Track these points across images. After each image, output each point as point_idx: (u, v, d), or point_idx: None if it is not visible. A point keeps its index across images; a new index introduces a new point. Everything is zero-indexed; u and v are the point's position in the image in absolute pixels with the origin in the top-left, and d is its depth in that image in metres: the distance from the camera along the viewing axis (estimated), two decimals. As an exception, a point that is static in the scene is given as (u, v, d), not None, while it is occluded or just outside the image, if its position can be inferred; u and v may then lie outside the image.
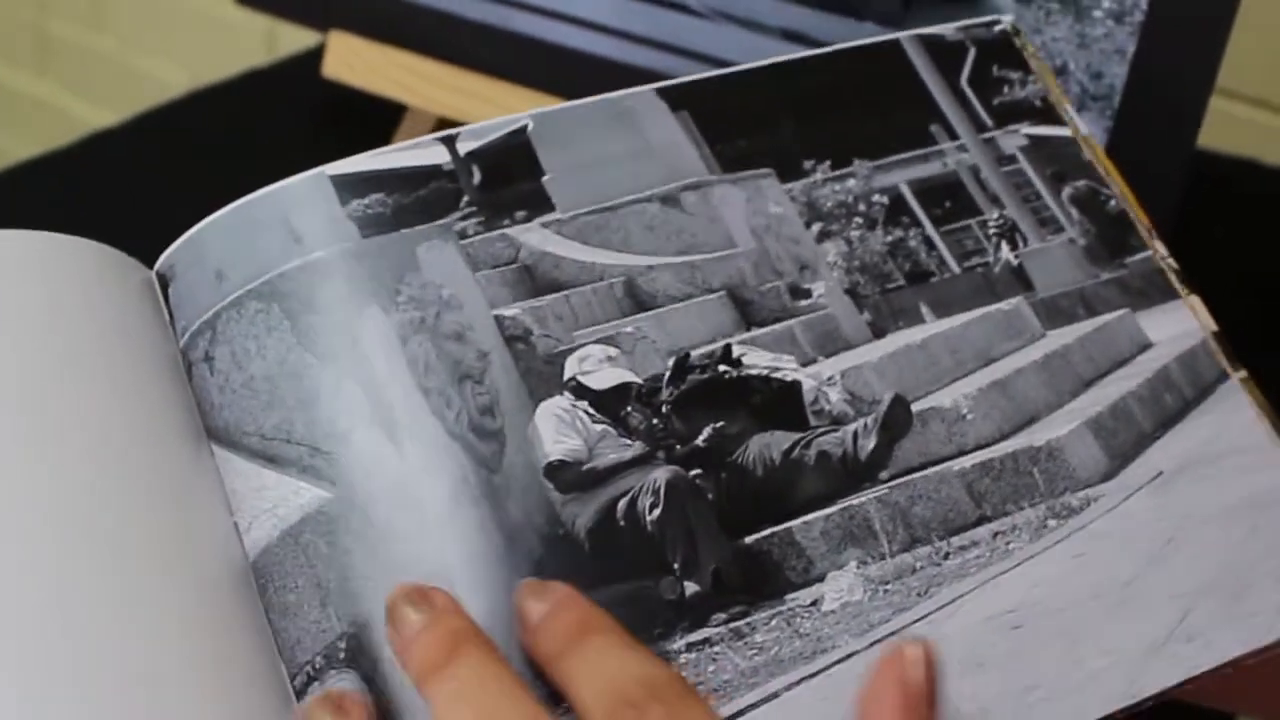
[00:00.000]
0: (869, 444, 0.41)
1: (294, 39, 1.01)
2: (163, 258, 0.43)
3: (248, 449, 0.40)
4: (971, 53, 0.51)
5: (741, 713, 0.36)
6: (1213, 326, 0.45)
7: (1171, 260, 0.47)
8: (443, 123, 0.73)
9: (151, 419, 0.40)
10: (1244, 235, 0.73)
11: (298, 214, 0.41)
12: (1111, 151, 0.60)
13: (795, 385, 0.42)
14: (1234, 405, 0.44)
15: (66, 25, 1.64)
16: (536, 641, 0.35)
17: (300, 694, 0.37)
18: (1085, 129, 0.49)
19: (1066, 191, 0.49)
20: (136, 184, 0.76)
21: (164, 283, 0.42)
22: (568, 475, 0.38)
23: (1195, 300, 0.46)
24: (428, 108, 0.72)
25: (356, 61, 0.73)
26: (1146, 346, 0.46)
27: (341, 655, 0.37)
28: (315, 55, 0.77)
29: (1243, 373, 0.45)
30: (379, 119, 0.75)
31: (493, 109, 0.70)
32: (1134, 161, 0.59)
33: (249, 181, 0.42)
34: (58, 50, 1.67)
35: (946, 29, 0.51)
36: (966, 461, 0.42)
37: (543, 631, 0.35)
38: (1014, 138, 0.50)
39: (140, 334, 0.41)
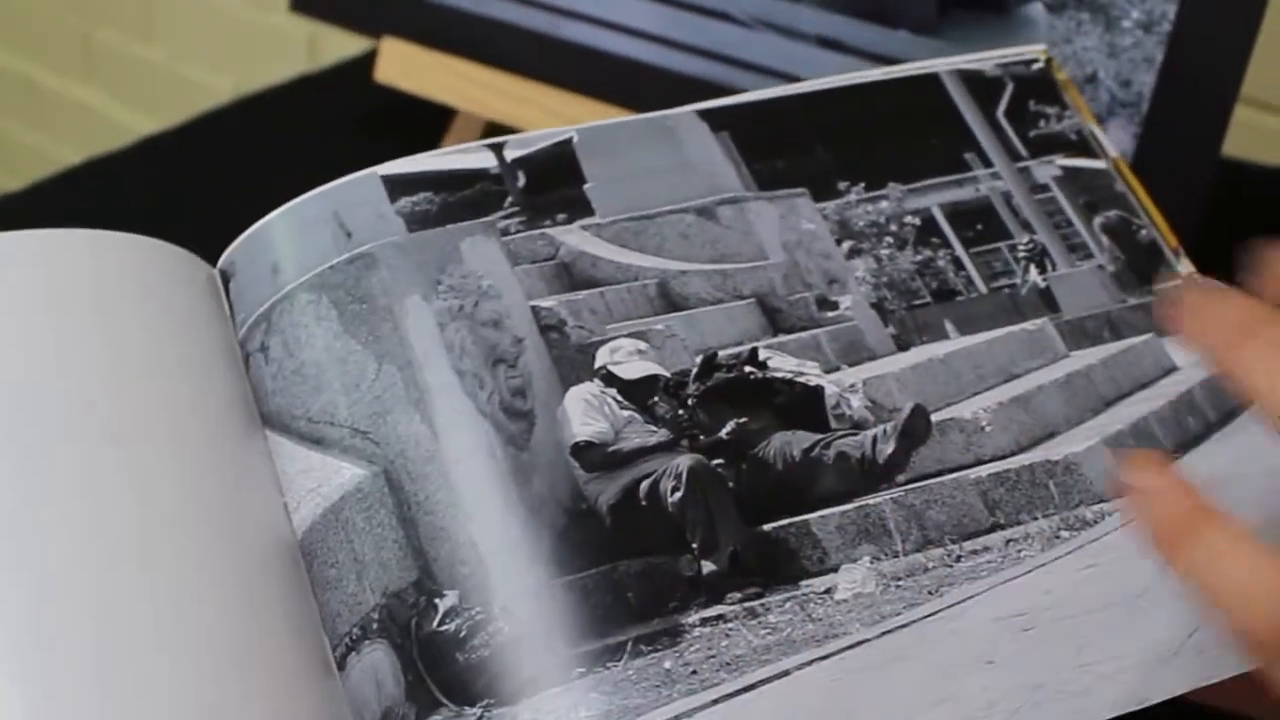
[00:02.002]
0: (887, 449, 0.42)
1: (336, 48, 1.05)
2: (224, 255, 0.45)
3: (297, 432, 0.42)
4: (1010, 87, 0.52)
5: (752, 686, 0.37)
6: None
7: (1198, 276, 0.48)
8: (491, 127, 0.75)
9: (212, 407, 0.42)
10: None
11: (348, 211, 0.43)
12: (1139, 157, 0.62)
13: (818, 390, 0.43)
14: (1256, 428, 0.45)
15: (113, 33, 1.69)
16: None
17: (341, 664, 0.39)
18: (1115, 152, 0.51)
19: (1098, 221, 0.50)
20: (190, 187, 0.79)
21: (225, 278, 0.45)
22: (593, 455, 0.40)
23: None
24: (477, 112, 0.75)
25: (408, 67, 0.75)
26: (1171, 370, 0.47)
27: (375, 626, 0.38)
28: (361, 62, 0.80)
29: None
30: (427, 124, 0.77)
31: (540, 113, 0.72)
32: (1161, 166, 0.61)
33: (302, 184, 0.45)
34: (104, 57, 1.72)
35: (985, 64, 0.53)
36: (983, 471, 0.43)
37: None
38: (1048, 168, 0.51)
39: (204, 327, 0.43)
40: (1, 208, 0.81)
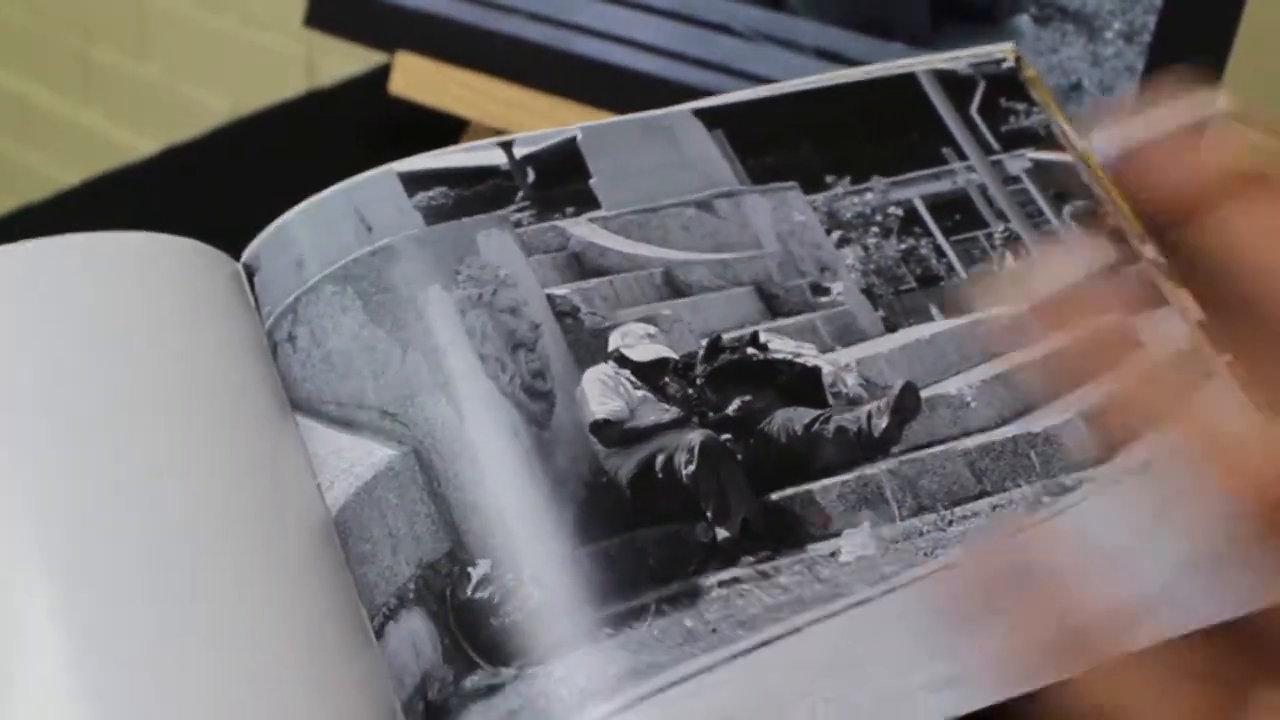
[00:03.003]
0: (881, 423, 0.45)
1: (334, 68, 1.07)
2: (248, 250, 0.47)
3: (326, 416, 0.44)
4: (981, 85, 0.55)
5: (767, 642, 0.39)
6: (1200, 316, 0.49)
7: (1163, 260, 0.51)
8: None
9: (243, 395, 0.44)
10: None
11: (368, 206, 0.46)
12: None
13: (816, 369, 0.46)
14: (1221, 395, 0.48)
15: (111, 53, 1.69)
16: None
17: (379, 633, 0.41)
18: (1082, 144, 0.54)
19: (1067, 210, 0.53)
20: (204, 200, 0.81)
21: (250, 273, 0.47)
22: (611, 432, 0.42)
23: (1184, 294, 0.50)
24: (488, 123, 0.77)
25: (421, 80, 0.78)
26: (1138, 347, 0.50)
27: (411, 595, 0.41)
28: (370, 79, 0.82)
29: (1228, 356, 0.49)
30: (438, 138, 0.80)
31: (549, 124, 0.75)
32: None
33: (317, 191, 0.47)
34: (102, 78, 1.72)
35: (959, 64, 0.56)
36: (970, 443, 0.46)
37: None
38: (1019, 161, 0.54)
39: (230, 319, 0.46)
40: (1, 227, 0.83)
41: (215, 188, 0.84)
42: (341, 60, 0.89)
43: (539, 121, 0.76)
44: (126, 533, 0.40)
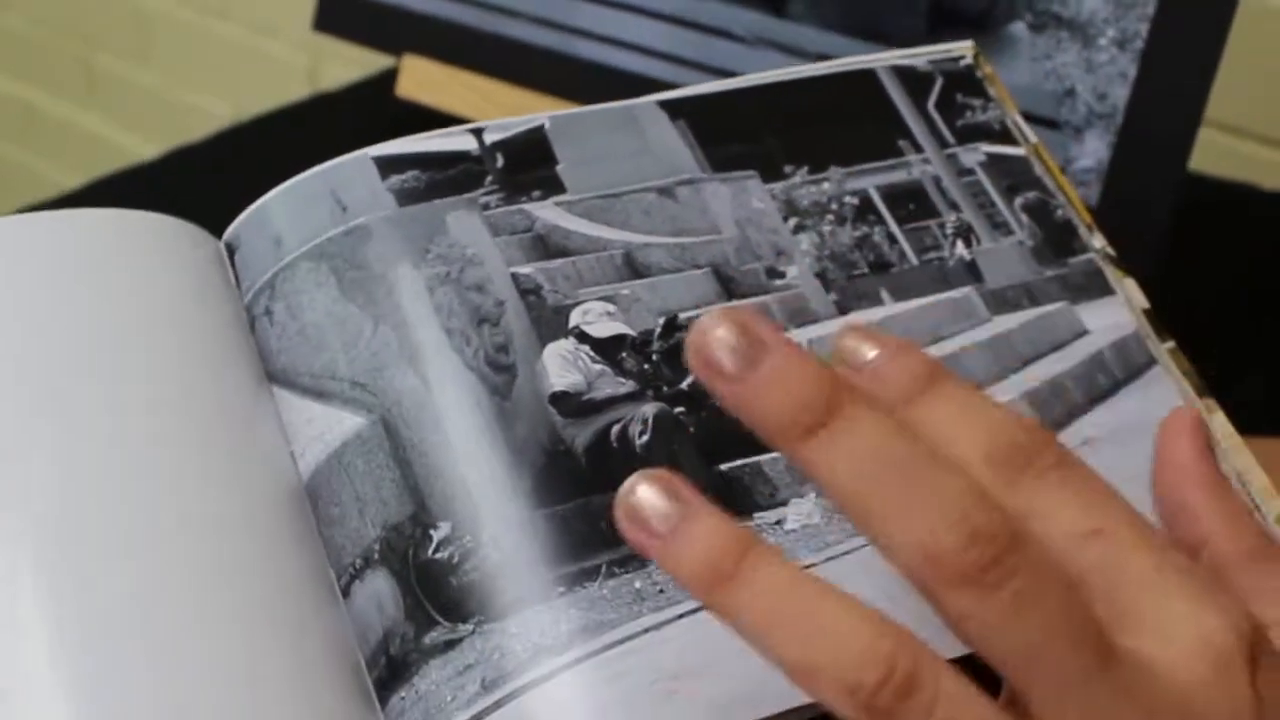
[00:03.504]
0: (831, 400, 0.47)
1: (335, 75, 1.09)
2: (229, 229, 0.50)
3: (301, 387, 0.46)
4: (939, 81, 0.58)
5: (710, 603, 0.42)
6: (1144, 304, 0.51)
7: (1109, 249, 0.53)
8: None
9: (222, 365, 0.46)
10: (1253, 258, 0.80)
11: (344, 188, 0.48)
12: (1114, 164, 0.67)
13: (769, 349, 0.48)
14: (1161, 381, 0.51)
15: (112, 59, 1.71)
16: (873, 386, 0.33)
17: (346, 592, 0.43)
18: (1035, 138, 0.56)
19: (1019, 201, 0.56)
20: (211, 200, 0.83)
21: (230, 250, 0.49)
22: (569, 404, 0.44)
23: (1130, 283, 0.52)
24: None
25: (427, 83, 0.80)
26: (1083, 334, 0.53)
27: (376, 556, 0.43)
28: (375, 83, 0.84)
29: (1171, 343, 0.51)
30: None
31: None
32: (1133, 173, 0.67)
33: None
34: (104, 82, 1.74)
35: (918, 61, 0.58)
36: (916, 420, 0.48)
37: (881, 376, 0.33)
38: (974, 154, 0.56)
39: (211, 294, 0.48)
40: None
41: (219, 190, 0.86)
42: (344, 68, 0.91)
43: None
44: (110, 496, 0.42)
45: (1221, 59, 0.66)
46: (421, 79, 0.81)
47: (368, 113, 0.88)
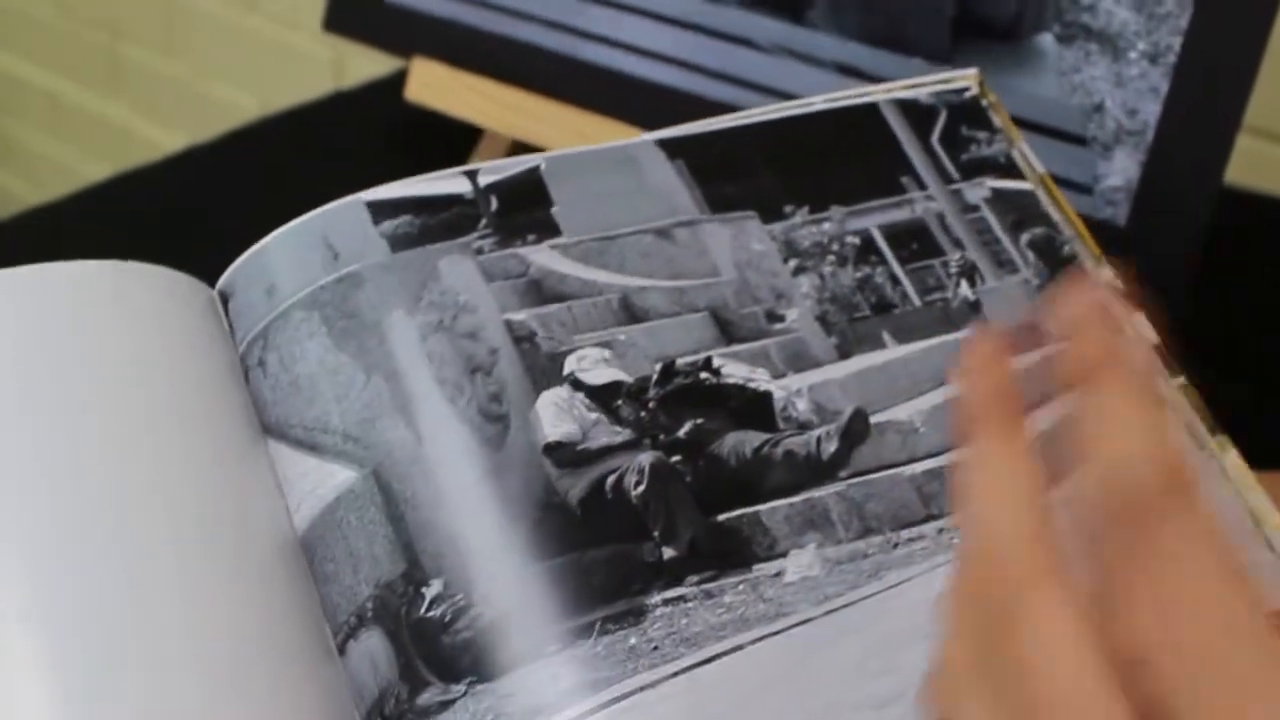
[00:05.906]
0: (830, 447, 0.46)
1: (361, 69, 1.08)
2: (222, 279, 0.49)
3: (294, 439, 0.45)
4: (943, 114, 0.57)
5: (710, 659, 0.41)
6: (1154, 340, 0.50)
7: (1120, 283, 0.52)
8: (517, 145, 0.79)
9: (216, 418, 0.46)
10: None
11: (336, 234, 0.47)
12: (1144, 182, 0.65)
13: (767, 394, 0.47)
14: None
15: (139, 49, 1.71)
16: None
17: (341, 650, 0.42)
18: (1042, 169, 0.55)
19: (1025, 238, 0.55)
20: (219, 202, 0.83)
21: (224, 299, 0.49)
22: (563, 454, 0.44)
23: (1139, 317, 0.51)
24: (502, 130, 0.79)
25: (437, 86, 0.79)
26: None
27: (369, 614, 0.42)
28: (392, 82, 0.83)
29: (1181, 379, 0.50)
30: (456, 142, 0.81)
31: (563, 132, 0.76)
32: (1165, 192, 0.64)
33: (334, 198, 0.48)
34: (129, 73, 1.74)
35: (921, 93, 0.57)
36: (917, 467, 0.47)
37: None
38: (979, 189, 0.55)
39: (205, 345, 0.47)
40: (28, 222, 0.84)
41: (239, 185, 0.86)
42: (369, 62, 0.90)
43: (553, 129, 0.76)
44: (105, 550, 0.42)
45: (1258, 75, 0.64)
46: (431, 82, 0.80)
47: (387, 112, 0.87)
